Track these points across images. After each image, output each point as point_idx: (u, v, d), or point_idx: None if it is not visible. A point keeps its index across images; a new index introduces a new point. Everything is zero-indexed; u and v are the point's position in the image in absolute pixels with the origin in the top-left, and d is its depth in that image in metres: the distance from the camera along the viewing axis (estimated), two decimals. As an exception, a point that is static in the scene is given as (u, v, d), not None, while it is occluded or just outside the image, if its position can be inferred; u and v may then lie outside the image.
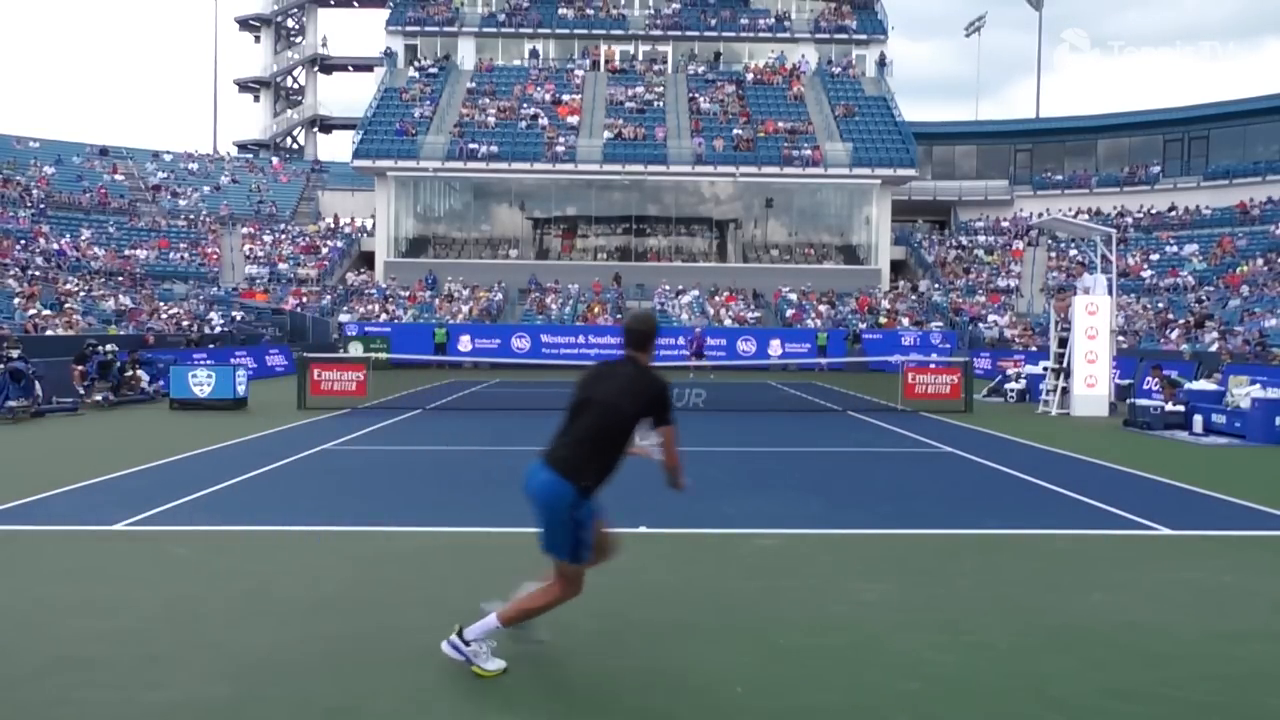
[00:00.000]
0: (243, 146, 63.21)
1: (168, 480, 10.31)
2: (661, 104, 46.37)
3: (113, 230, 42.90)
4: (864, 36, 49.69)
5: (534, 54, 50.05)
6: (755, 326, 37.58)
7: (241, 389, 18.73)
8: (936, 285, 43.00)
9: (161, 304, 34.17)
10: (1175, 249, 41.73)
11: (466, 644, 4.62)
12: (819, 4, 51.37)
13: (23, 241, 37.18)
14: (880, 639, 5.31)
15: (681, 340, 32.45)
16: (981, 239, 47.33)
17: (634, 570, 6.84)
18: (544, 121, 44.73)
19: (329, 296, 40.45)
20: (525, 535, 8.01)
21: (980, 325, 37.09)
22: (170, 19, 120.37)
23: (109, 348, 20.31)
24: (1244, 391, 16.20)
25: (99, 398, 18.86)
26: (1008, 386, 22.85)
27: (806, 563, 7.09)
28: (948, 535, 8.12)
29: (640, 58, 50.45)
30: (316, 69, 65.32)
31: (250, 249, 43.29)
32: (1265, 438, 14.71)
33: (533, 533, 8.04)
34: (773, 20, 50.43)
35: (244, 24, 63.03)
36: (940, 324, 37.98)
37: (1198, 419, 15.80)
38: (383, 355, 28.92)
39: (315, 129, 66.18)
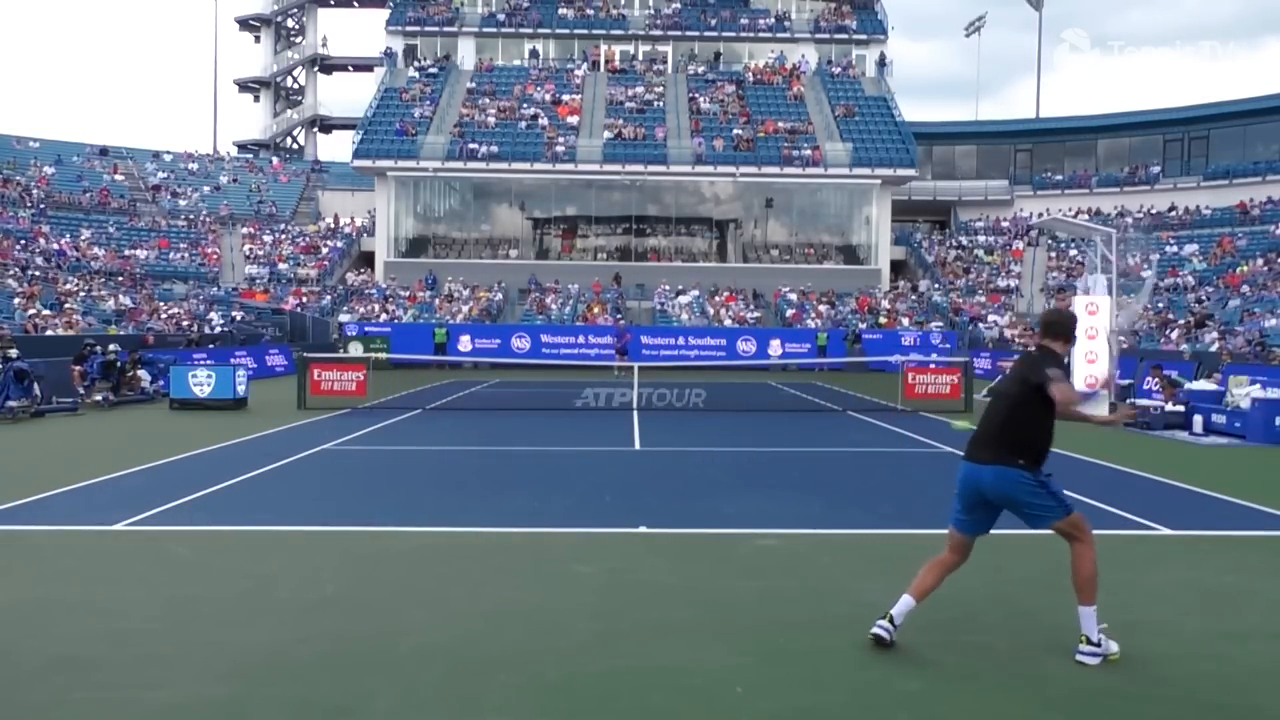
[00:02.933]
0: (243, 146, 63.22)
1: (168, 480, 10.31)
2: (661, 104, 46.37)
3: (113, 230, 42.90)
4: (864, 36, 49.69)
5: (534, 54, 50.05)
6: (755, 326, 37.58)
7: (241, 389, 18.73)
8: (936, 285, 43.00)
9: (161, 304, 34.17)
10: (1175, 249, 41.73)
11: (1096, 644, 4.93)
12: (819, 4, 51.36)
13: (23, 241, 37.19)
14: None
15: (609, 339, 32.95)
16: (981, 239, 47.33)
17: (634, 570, 6.84)
18: (544, 121, 44.73)
19: (329, 296, 40.45)
20: (524, 535, 8.04)
21: (980, 325, 37.08)
22: (170, 19, 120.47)
23: (112, 348, 20.32)
24: (1244, 391, 16.20)
25: (99, 398, 18.86)
26: (1008, 386, 22.79)
27: (806, 563, 7.09)
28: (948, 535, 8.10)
29: (640, 58, 50.45)
30: (316, 69, 65.32)
31: (250, 249, 43.30)
32: (1265, 438, 14.70)
33: (532, 532, 8.08)
34: (773, 20, 50.43)
35: (244, 24, 63.03)
36: (940, 324, 37.97)
37: (1198, 419, 15.80)
38: (383, 355, 28.92)
39: (315, 129, 66.19)
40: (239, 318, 34.89)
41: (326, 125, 66.25)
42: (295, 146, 66.14)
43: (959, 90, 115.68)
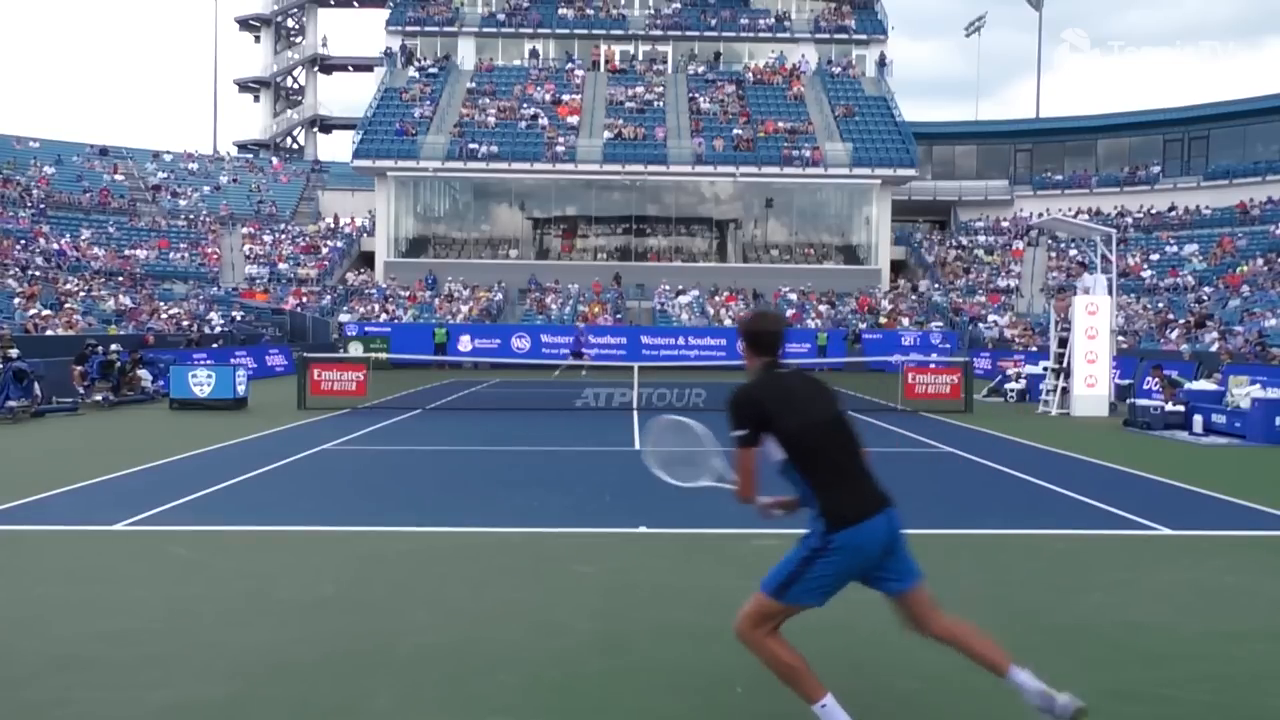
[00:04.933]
0: (243, 146, 63.20)
1: (168, 480, 10.30)
2: (661, 104, 46.37)
3: (113, 230, 42.89)
4: (864, 36, 49.67)
5: (534, 54, 50.04)
6: (755, 326, 37.49)
7: (241, 389, 18.73)
8: (936, 285, 43.00)
9: (161, 304, 34.16)
10: (1175, 249, 41.73)
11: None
12: (819, 4, 51.35)
13: (23, 241, 37.18)
14: (880, 639, 5.31)
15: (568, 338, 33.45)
16: (981, 239, 47.32)
17: (634, 570, 6.84)
18: (544, 121, 44.72)
19: (329, 296, 40.44)
20: (524, 535, 8.04)
21: (980, 325, 37.08)
22: (170, 19, 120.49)
23: (114, 348, 20.33)
24: (1244, 391, 16.19)
25: (99, 398, 18.86)
26: (1008, 386, 22.85)
27: (806, 563, 7.08)
28: (948, 535, 8.12)
29: (640, 58, 50.44)
30: (316, 69, 65.29)
31: (250, 249, 43.30)
32: (1265, 438, 14.70)
33: (532, 532, 8.08)
34: (773, 20, 50.42)
35: (244, 24, 63.01)
36: (940, 324, 37.97)
37: (1198, 419, 15.79)
38: (383, 355, 28.92)
39: (315, 129, 66.17)
40: (239, 318, 34.88)
41: (326, 125, 66.24)
42: (295, 146, 66.13)
43: (959, 90, 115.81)
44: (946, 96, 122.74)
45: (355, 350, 30.92)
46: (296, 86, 66.27)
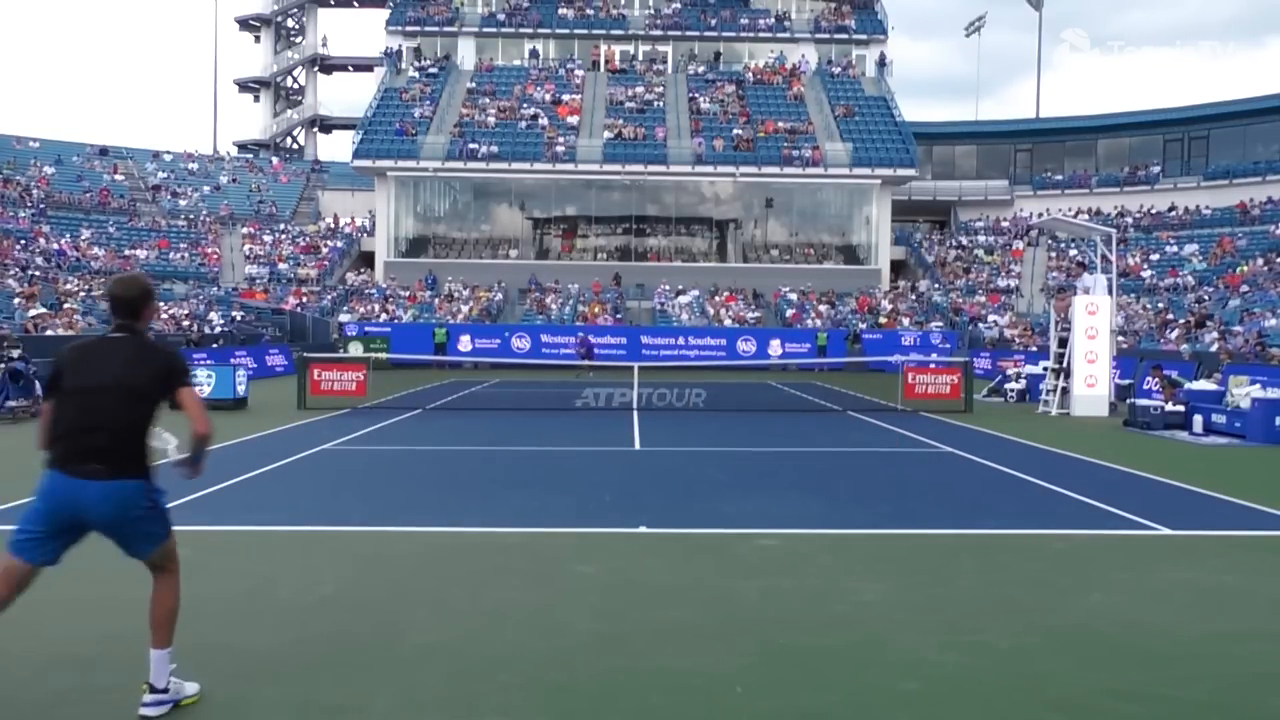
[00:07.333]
0: (243, 146, 63.21)
1: (167, 480, 10.28)
2: (661, 104, 46.37)
3: (113, 230, 42.90)
4: (864, 36, 49.69)
5: (534, 54, 50.05)
6: (755, 326, 37.58)
7: (241, 389, 18.73)
8: (936, 285, 43.00)
9: (162, 304, 34.15)
10: (1175, 249, 41.73)
11: (165, 690, 4.17)
12: (819, 4, 51.36)
13: (23, 241, 37.19)
14: (880, 639, 5.31)
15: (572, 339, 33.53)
16: (981, 239, 47.33)
17: (634, 570, 6.84)
18: (544, 121, 44.73)
19: (329, 296, 40.45)
20: (524, 535, 8.04)
21: (980, 325, 37.08)
22: (170, 19, 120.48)
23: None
24: (1244, 391, 16.20)
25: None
26: (1008, 386, 22.85)
27: (806, 563, 7.09)
28: (948, 535, 8.12)
29: (640, 58, 50.45)
30: (316, 69, 65.31)
31: (250, 249, 43.30)
32: (1265, 438, 14.70)
33: (532, 532, 8.08)
34: (773, 20, 50.43)
35: (244, 24, 63.02)
36: (940, 324, 37.98)
37: (1198, 419, 15.79)
38: (383, 355, 28.93)
39: (315, 129, 66.19)
40: (239, 318, 34.87)
41: (326, 125, 66.25)
42: (295, 146, 66.13)
43: (959, 90, 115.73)
44: (946, 96, 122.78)
45: (355, 350, 30.93)
46: (296, 86, 66.27)
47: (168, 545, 4.35)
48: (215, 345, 28.61)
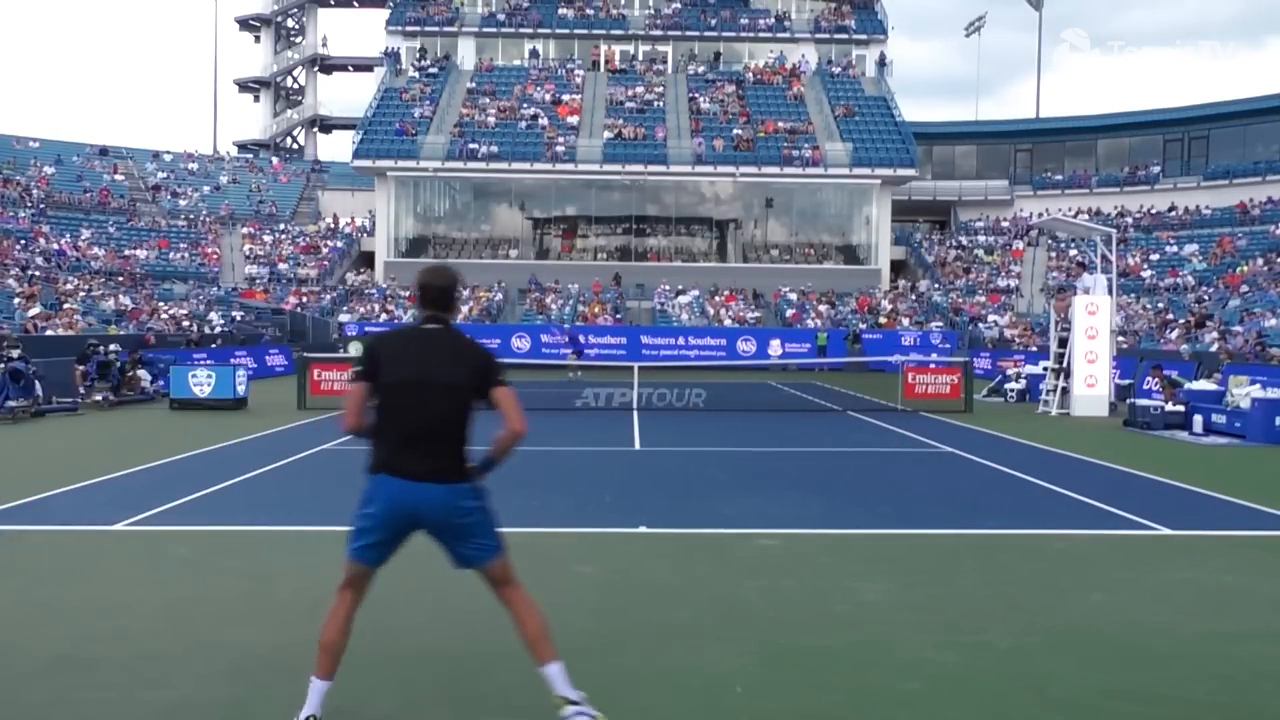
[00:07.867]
0: (243, 146, 63.19)
1: (168, 480, 10.30)
2: (661, 104, 46.37)
3: (113, 230, 42.89)
4: (864, 36, 49.67)
5: (534, 54, 50.04)
6: (755, 326, 37.58)
7: (241, 389, 18.73)
8: (936, 285, 43.00)
9: (161, 304, 34.15)
10: (1175, 249, 41.73)
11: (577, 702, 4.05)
12: (819, 4, 51.34)
13: (23, 241, 37.17)
14: (880, 639, 5.31)
15: (561, 337, 33.47)
16: (981, 239, 47.32)
17: (634, 570, 6.84)
18: (544, 121, 44.72)
19: (329, 296, 40.44)
20: (524, 535, 8.03)
21: (980, 325, 37.07)
22: (170, 19, 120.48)
23: (112, 348, 20.31)
24: (1244, 391, 16.20)
25: (99, 398, 18.85)
26: (1008, 386, 22.85)
27: (806, 563, 7.09)
28: (948, 535, 8.12)
29: (640, 58, 50.44)
30: (316, 69, 65.29)
31: (250, 249, 43.29)
32: (1265, 438, 14.70)
33: (532, 532, 8.07)
34: (773, 20, 50.42)
35: (244, 24, 63.00)
36: (940, 324, 37.97)
37: (1198, 419, 15.79)
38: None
39: (315, 129, 66.16)
40: (239, 318, 34.87)
41: (326, 125, 66.22)
42: (295, 146, 66.11)
43: (959, 90, 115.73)
44: (946, 96, 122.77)
45: (355, 350, 30.88)
46: (296, 86, 66.26)
47: (506, 555, 4.23)
48: (215, 345, 28.61)
